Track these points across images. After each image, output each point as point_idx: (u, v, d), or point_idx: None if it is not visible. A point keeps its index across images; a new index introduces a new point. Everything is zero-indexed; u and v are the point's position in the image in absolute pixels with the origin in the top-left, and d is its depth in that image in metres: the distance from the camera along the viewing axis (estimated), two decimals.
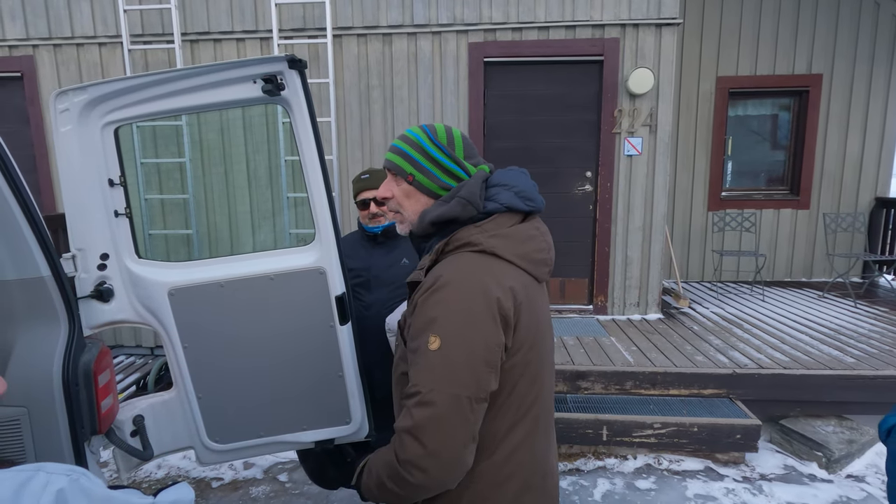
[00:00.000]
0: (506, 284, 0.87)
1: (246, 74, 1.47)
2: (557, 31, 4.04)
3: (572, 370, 3.21)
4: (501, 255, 0.90)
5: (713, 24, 5.29)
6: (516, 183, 0.98)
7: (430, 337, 0.84)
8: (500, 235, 0.91)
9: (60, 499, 0.33)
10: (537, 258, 0.95)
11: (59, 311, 1.43)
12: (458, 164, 0.97)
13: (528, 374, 0.91)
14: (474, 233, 0.92)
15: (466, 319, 0.83)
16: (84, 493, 0.34)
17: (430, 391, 0.82)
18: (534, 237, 0.96)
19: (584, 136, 4.24)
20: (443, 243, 0.94)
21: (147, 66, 4.08)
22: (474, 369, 0.83)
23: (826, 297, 4.88)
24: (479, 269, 0.88)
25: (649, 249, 4.27)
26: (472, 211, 0.93)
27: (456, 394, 0.81)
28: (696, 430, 2.88)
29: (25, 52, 4.13)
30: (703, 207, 5.58)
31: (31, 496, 0.32)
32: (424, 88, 4.13)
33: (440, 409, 0.81)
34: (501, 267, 0.90)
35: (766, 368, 3.13)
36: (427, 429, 0.81)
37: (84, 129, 1.50)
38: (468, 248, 0.91)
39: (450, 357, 0.82)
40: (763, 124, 5.66)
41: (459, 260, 0.90)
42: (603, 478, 2.77)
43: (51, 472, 0.34)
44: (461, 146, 0.99)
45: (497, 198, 0.95)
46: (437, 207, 0.95)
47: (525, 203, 0.96)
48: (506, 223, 0.94)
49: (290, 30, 4.01)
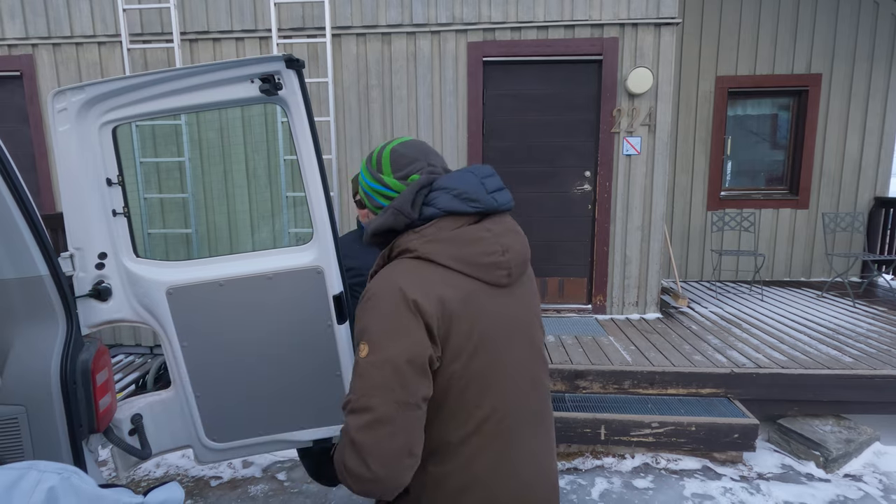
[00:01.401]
0: (433, 291, 0.86)
1: (243, 74, 1.48)
2: (556, 31, 4.04)
3: (570, 369, 3.22)
4: (437, 260, 0.89)
5: (712, 24, 5.29)
6: (457, 185, 0.94)
7: (360, 345, 0.86)
8: (437, 240, 0.90)
9: (51, 497, 0.33)
10: (484, 262, 0.91)
11: (58, 310, 1.43)
12: (380, 183, 1.01)
13: (474, 384, 0.89)
14: (412, 239, 0.92)
15: (389, 325, 0.84)
16: (75, 492, 0.35)
17: (360, 397, 0.83)
18: (481, 239, 0.92)
19: (583, 136, 4.24)
20: (387, 250, 0.97)
21: (146, 66, 4.08)
22: (400, 374, 0.83)
23: (825, 296, 4.88)
24: (404, 275, 0.88)
25: (648, 249, 4.28)
26: (403, 219, 0.93)
27: (385, 399, 0.82)
28: (694, 429, 2.88)
29: (25, 51, 4.13)
30: (702, 207, 5.58)
31: (22, 494, 0.33)
32: (423, 88, 4.13)
33: (373, 415, 0.81)
34: (436, 273, 0.88)
35: (765, 368, 3.14)
36: (362, 437, 0.81)
37: (82, 129, 1.50)
38: (406, 255, 0.92)
39: (376, 363, 0.83)
40: (762, 124, 5.66)
41: (393, 266, 0.91)
42: (601, 477, 2.78)
43: (42, 470, 0.35)
44: (388, 164, 1.01)
45: (435, 202, 0.93)
46: (375, 219, 0.98)
47: (468, 205, 0.93)
48: (448, 227, 0.92)
49: (289, 29, 4.01)
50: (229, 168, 4.12)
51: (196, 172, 4.09)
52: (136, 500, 0.38)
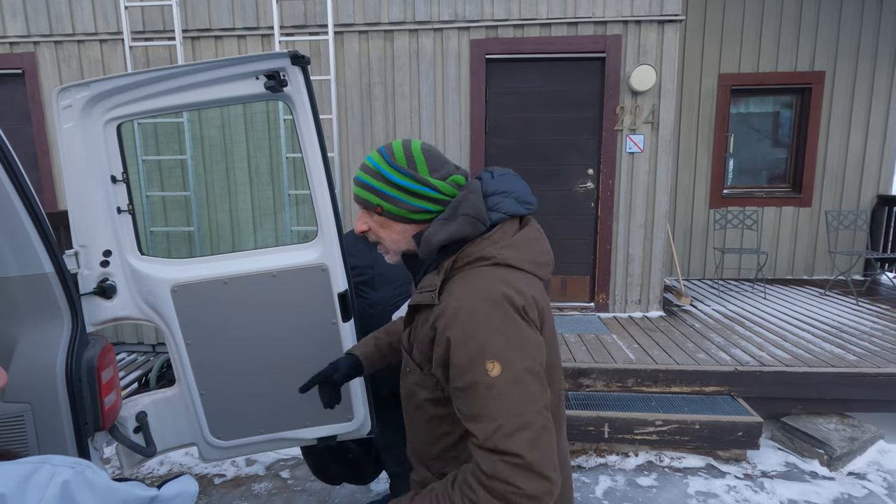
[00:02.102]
0: (527, 293, 0.85)
1: (248, 71, 1.47)
2: (559, 28, 4.03)
3: (574, 367, 3.21)
4: (515, 264, 0.88)
5: (715, 21, 5.27)
6: (514, 188, 0.95)
7: (486, 365, 0.78)
8: (511, 245, 0.89)
9: (65, 491, 0.33)
10: (543, 261, 0.94)
11: (63, 308, 1.43)
12: (424, 185, 0.92)
13: (549, 372, 0.90)
14: (485, 246, 0.88)
15: (510, 336, 0.80)
16: (89, 485, 0.34)
17: (512, 417, 0.76)
18: (537, 240, 0.95)
19: (585, 134, 4.23)
20: (451, 260, 0.89)
21: (148, 63, 4.07)
22: (539, 380, 0.81)
23: (828, 294, 4.87)
24: (497, 282, 0.84)
25: (651, 247, 4.27)
26: (481, 227, 0.89)
27: (539, 410, 0.78)
28: (698, 427, 2.88)
29: (27, 49, 4.13)
30: (704, 205, 5.57)
31: (36, 488, 0.32)
32: (426, 85, 4.12)
33: (534, 431, 0.76)
34: (517, 277, 0.87)
35: (768, 366, 3.13)
36: (534, 456, 0.75)
37: (87, 126, 1.50)
38: (481, 263, 0.87)
39: (515, 378, 0.78)
40: (765, 122, 5.64)
41: (474, 276, 0.86)
42: (604, 475, 2.78)
43: (56, 464, 0.34)
44: (423, 162, 0.93)
45: (500, 207, 0.92)
46: (441, 229, 0.89)
47: (525, 207, 0.95)
48: (511, 231, 0.92)
49: (291, 26, 4.00)
50: (231, 166, 4.12)
51: (198, 170, 4.08)
52: (150, 493, 0.38)
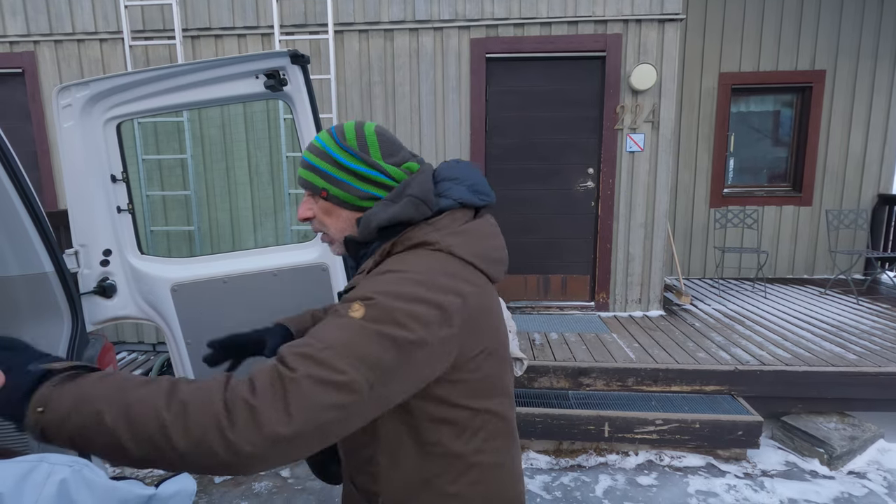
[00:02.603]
0: (456, 287, 0.77)
1: (248, 70, 1.47)
2: (560, 27, 4.03)
3: (574, 367, 3.21)
4: (458, 254, 0.80)
5: (716, 20, 5.27)
6: (468, 176, 0.89)
7: (355, 304, 0.71)
8: (457, 233, 0.82)
9: (63, 489, 0.33)
10: (495, 257, 0.87)
11: (63, 307, 1.43)
12: (375, 169, 0.85)
13: (487, 383, 0.83)
14: (428, 231, 0.81)
15: (403, 305, 0.71)
16: (86, 484, 0.34)
17: (328, 350, 0.66)
18: (492, 234, 0.88)
19: (586, 133, 4.23)
20: (389, 244, 0.82)
21: (148, 62, 4.07)
22: (393, 357, 0.69)
23: (828, 294, 4.87)
24: (429, 266, 0.77)
25: (651, 246, 4.27)
26: (426, 211, 0.83)
27: (360, 372, 0.66)
28: (698, 426, 2.88)
29: (26, 48, 4.12)
30: (704, 204, 5.56)
31: (33, 486, 0.32)
32: (426, 85, 4.12)
33: (339, 377, 0.64)
34: (456, 267, 0.80)
35: (768, 365, 3.13)
36: (307, 385, 0.62)
37: (86, 125, 1.50)
38: (421, 248, 0.81)
39: (371, 333, 0.68)
40: (765, 121, 5.64)
41: (412, 255, 0.80)
42: (604, 474, 2.78)
43: (53, 462, 0.34)
44: (376, 146, 0.86)
45: (449, 193, 0.86)
46: (384, 209, 0.83)
47: (479, 197, 0.88)
48: (460, 219, 0.85)
49: (291, 26, 4.00)
50: (231, 165, 4.12)
51: (198, 169, 4.08)
52: (149, 491, 0.38)
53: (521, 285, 4.48)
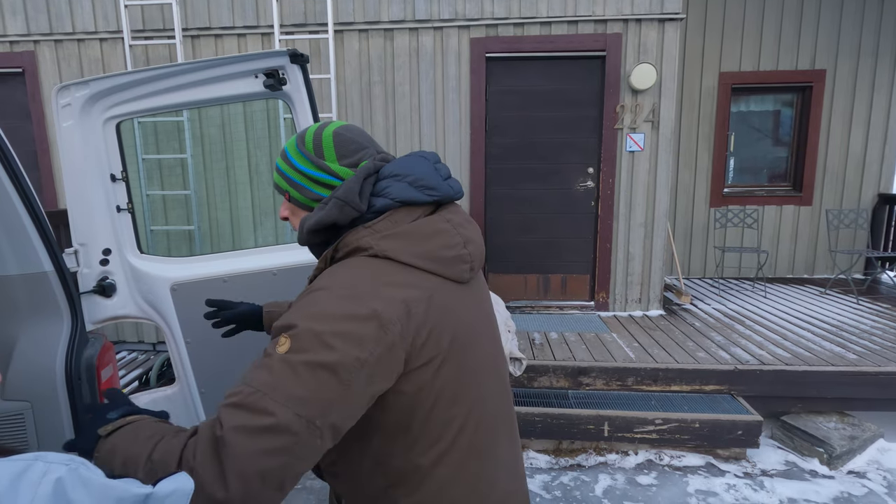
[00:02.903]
0: (395, 295, 0.72)
1: (248, 69, 1.47)
2: (559, 27, 4.02)
3: (574, 366, 3.21)
4: (396, 257, 0.76)
5: (716, 19, 5.26)
6: (410, 171, 0.82)
7: (281, 338, 0.69)
8: (395, 235, 0.78)
9: (59, 488, 0.33)
10: (447, 255, 0.80)
11: (62, 307, 1.43)
12: (325, 172, 0.84)
13: (445, 395, 0.77)
14: (364, 234, 0.78)
15: (329, 327, 0.68)
16: (83, 483, 0.34)
17: (257, 393, 0.65)
18: (442, 231, 0.81)
19: (585, 132, 4.23)
20: (331, 250, 0.81)
21: (148, 62, 4.07)
22: (322, 386, 0.66)
23: (828, 293, 4.87)
24: (361, 276, 0.74)
25: (651, 246, 4.27)
26: (350, 212, 0.79)
27: (291, 409, 0.64)
28: (698, 426, 2.88)
29: (27, 48, 4.13)
30: (705, 204, 5.56)
31: (28, 485, 0.32)
32: (426, 84, 4.11)
33: (268, 421, 0.63)
34: (397, 272, 0.75)
35: (768, 365, 3.13)
36: (237, 440, 0.62)
37: (86, 124, 1.50)
38: (358, 254, 0.78)
39: (295, 365, 0.66)
40: (765, 120, 5.64)
41: (343, 266, 0.77)
42: (604, 473, 2.78)
43: (49, 461, 0.34)
44: (331, 148, 0.85)
45: (388, 192, 0.80)
46: (314, 214, 0.82)
47: (424, 193, 0.81)
48: (404, 219, 0.80)
49: (291, 25, 4.00)
50: (231, 164, 4.12)
51: (198, 169, 4.08)
52: (146, 490, 0.38)
53: (521, 285, 4.48)
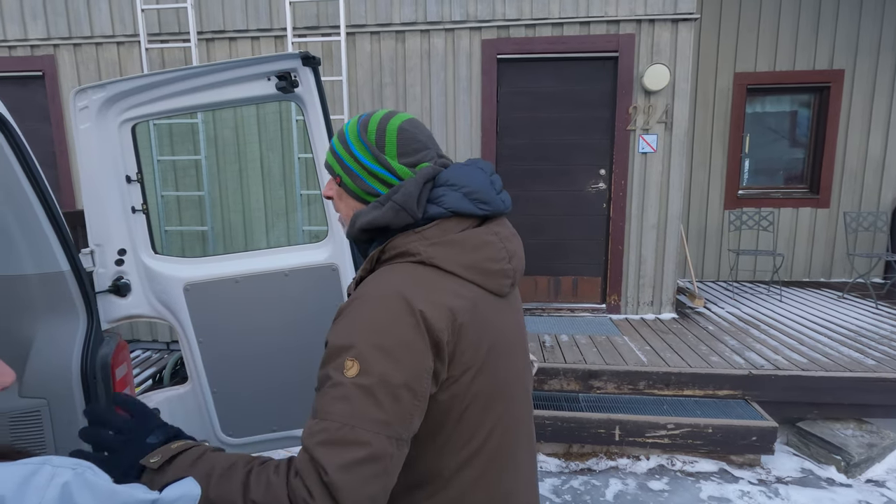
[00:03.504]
0: (441, 301, 0.73)
1: (260, 71, 1.48)
2: (572, 28, 4.00)
3: (584, 369, 3.19)
4: (443, 266, 0.77)
5: (731, 19, 5.20)
6: (467, 182, 0.82)
7: (346, 362, 0.69)
8: (443, 243, 0.78)
9: (65, 492, 0.33)
10: (492, 269, 0.81)
11: (78, 305, 1.45)
12: (384, 167, 0.82)
13: (477, 402, 0.78)
14: (413, 240, 0.79)
15: (387, 340, 0.70)
16: (89, 487, 0.34)
17: (345, 427, 0.66)
18: (489, 244, 0.81)
19: (598, 134, 4.20)
20: (378, 251, 0.81)
21: (164, 65, 4.13)
22: (399, 402, 0.69)
23: (846, 297, 4.77)
24: (407, 282, 0.75)
25: (664, 248, 4.22)
26: (406, 218, 0.79)
27: (380, 432, 0.67)
28: (711, 431, 2.84)
29: (46, 52, 4.21)
30: (719, 206, 5.49)
31: (35, 490, 0.32)
32: (437, 86, 4.12)
33: (366, 451, 0.65)
34: (442, 280, 0.76)
35: (784, 370, 3.08)
36: (344, 479, 0.64)
37: (102, 127, 1.52)
38: (404, 259, 0.78)
39: (370, 387, 0.68)
40: (781, 121, 5.55)
41: (391, 271, 0.77)
42: (615, 478, 2.75)
43: (56, 465, 0.34)
44: (394, 144, 0.83)
45: (442, 201, 0.80)
46: (369, 211, 0.82)
47: (477, 206, 0.81)
48: (453, 228, 0.80)
49: (303, 28, 4.03)
50: (244, 166, 4.16)
51: (212, 170, 4.13)
52: (152, 496, 0.38)
53: (532, 287, 4.46)
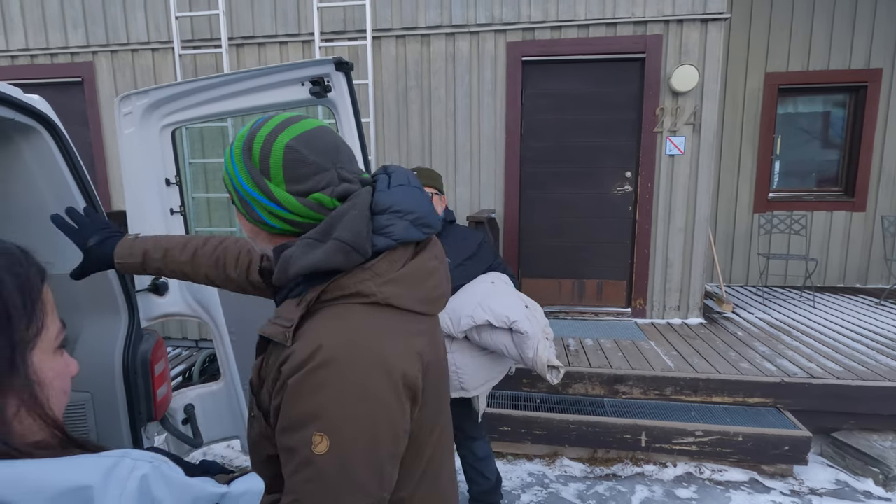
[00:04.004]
0: (411, 348, 0.69)
1: (295, 77, 1.52)
2: (598, 29, 3.97)
3: (610, 374, 3.15)
4: (400, 304, 0.70)
5: (762, 18, 5.08)
6: (413, 207, 0.74)
7: (315, 437, 0.62)
8: (397, 280, 0.70)
9: (144, 484, 0.35)
10: (436, 296, 0.76)
11: (121, 304, 1.51)
12: (267, 197, 0.70)
13: (425, 429, 0.76)
14: (364, 279, 0.69)
15: (362, 408, 0.63)
16: (165, 480, 0.36)
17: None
18: (434, 271, 0.76)
19: (623, 135, 4.15)
20: (317, 292, 0.69)
21: (196, 70, 4.25)
22: (378, 469, 0.65)
23: (883, 304, 4.60)
24: (375, 334, 0.67)
25: (691, 251, 4.15)
26: (357, 259, 0.68)
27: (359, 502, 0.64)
28: (741, 439, 2.77)
29: (86, 59, 4.38)
30: (748, 209, 5.36)
31: (118, 481, 0.34)
32: (461, 88, 4.14)
33: None
34: (401, 321, 0.70)
35: (818, 378, 2.99)
36: None
37: (145, 131, 1.58)
38: (355, 300, 0.68)
39: (344, 460, 0.63)
40: (814, 122, 5.39)
41: (345, 319, 0.67)
42: (641, 485, 2.71)
43: (135, 458, 0.36)
44: (279, 167, 0.69)
45: (390, 232, 0.71)
46: (304, 254, 0.68)
47: (422, 231, 0.74)
48: (400, 260, 0.72)
49: (330, 32, 4.09)
50: None
51: None
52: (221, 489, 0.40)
53: (555, 290, 4.43)
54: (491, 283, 1.95)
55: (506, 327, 1.83)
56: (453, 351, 1.92)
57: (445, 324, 1.86)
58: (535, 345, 1.83)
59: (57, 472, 0.33)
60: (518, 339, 1.84)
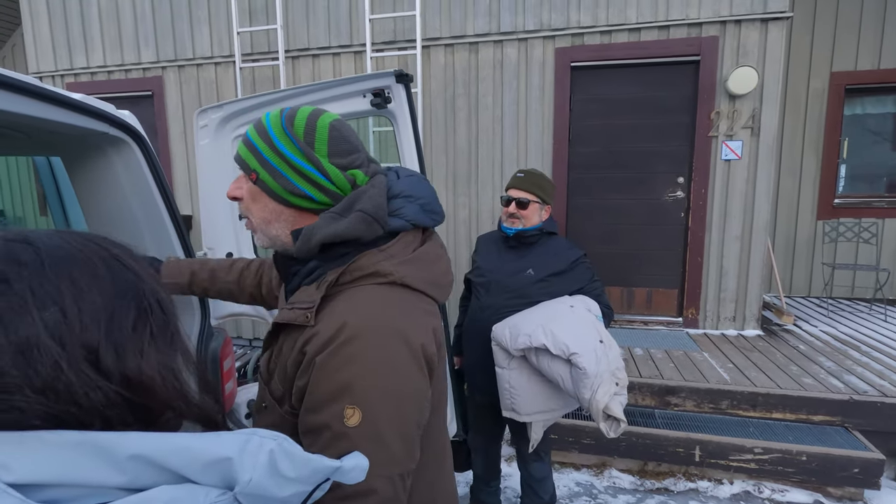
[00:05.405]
0: (428, 325, 0.74)
1: (358, 89, 1.59)
2: (650, 32, 3.89)
3: (661, 385, 3.07)
4: (414, 285, 0.74)
5: (827, 15, 4.82)
6: (422, 193, 0.80)
7: (346, 409, 0.64)
8: (410, 261, 0.75)
9: (272, 458, 0.40)
10: (444, 282, 0.81)
11: (195, 303, 1.62)
12: (314, 165, 0.74)
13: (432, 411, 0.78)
14: (381, 259, 0.73)
15: (389, 382, 0.67)
16: (288, 455, 0.41)
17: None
18: (440, 258, 0.81)
19: (676, 140, 4.04)
20: (335, 274, 0.73)
21: (254, 82, 4.47)
22: (407, 439, 0.68)
23: None
24: (394, 310, 0.71)
25: (748, 260, 3.98)
26: (377, 230, 0.73)
27: (390, 475, 0.66)
28: (805, 459, 2.63)
29: (155, 73, 4.69)
30: (811, 216, 5.08)
31: (250, 454, 0.40)
32: (509, 95, 4.15)
33: (377, 498, 0.64)
34: (417, 301, 0.74)
35: (891, 397, 2.80)
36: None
37: (218, 143, 1.70)
38: (373, 280, 0.72)
39: (377, 431, 0.65)
40: (884, 123, 5.05)
41: (365, 298, 0.71)
42: (695, 501, 2.62)
43: (262, 436, 0.42)
44: (324, 141, 0.74)
45: (402, 213, 0.77)
46: (328, 223, 0.73)
47: (430, 218, 0.80)
48: (412, 244, 0.78)
49: (381, 43, 4.21)
50: None
51: None
52: (336, 463, 0.44)
53: None
54: (570, 306, 1.79)
55: (564, 357, 1.67)
56: (511, 368, 1.80)
57: (504, 336, 1.76)
58: (594, 385, 1.65)
59: (207, 445, 0.39)
60: (576, 375, 1.67)
